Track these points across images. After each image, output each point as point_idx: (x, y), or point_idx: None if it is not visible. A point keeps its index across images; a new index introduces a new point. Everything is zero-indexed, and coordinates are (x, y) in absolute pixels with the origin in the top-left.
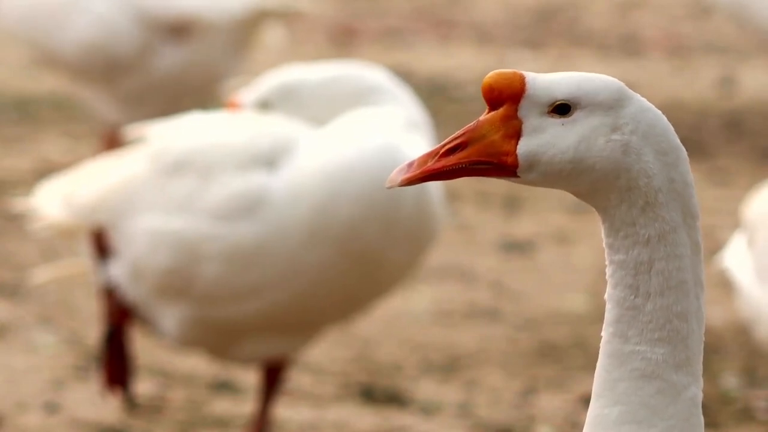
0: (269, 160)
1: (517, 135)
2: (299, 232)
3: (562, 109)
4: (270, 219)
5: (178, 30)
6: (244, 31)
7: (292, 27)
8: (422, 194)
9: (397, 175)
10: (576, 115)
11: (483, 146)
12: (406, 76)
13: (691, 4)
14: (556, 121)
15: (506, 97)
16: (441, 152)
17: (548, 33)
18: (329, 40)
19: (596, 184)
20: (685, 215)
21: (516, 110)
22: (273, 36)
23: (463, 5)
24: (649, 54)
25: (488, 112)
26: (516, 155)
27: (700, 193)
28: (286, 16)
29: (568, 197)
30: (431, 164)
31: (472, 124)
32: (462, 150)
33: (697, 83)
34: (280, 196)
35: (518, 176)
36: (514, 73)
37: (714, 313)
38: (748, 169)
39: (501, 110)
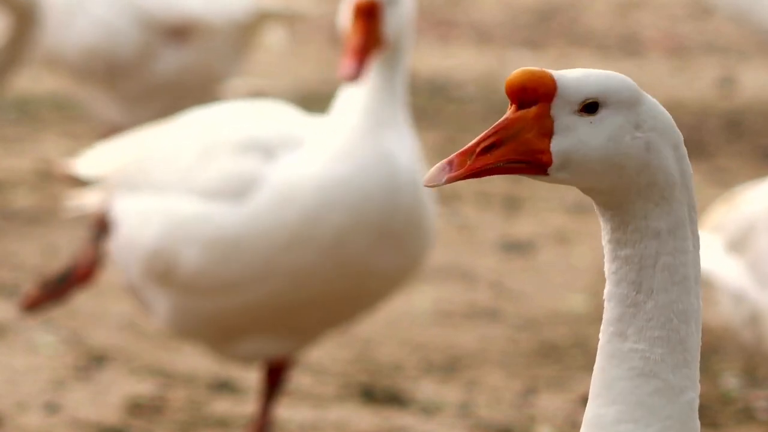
0: (268, 150)
1: (549, 133)
2: (282, 233)
3: (590, 107)
4: (254, 211)
5: (179, 32)
6: (244, 33)
7: (293, 28)
8: (415, 207)
9: (439, 174)
10: (603, 113)
11: (518, 145)
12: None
13: (691, 4)
14: (585, 120)
15: (540, 95)
16: (477, 151)
17: (548, 33)
18: (330, 41)
19: (619, 181)
20: (690, 208)
21: (549, 109)
22: (274, 37)
23: (463, 5)
24: (649, 54)
25: (515, 110)
26: (550, 153)
27: (699, 192)
28: (287, 19)
29: (569, 197)
30: (471, 163)
31: (501, 122)
32: (497, 148)
33: (697, 83)
34: (269, 193)
35: (548, 174)
36: (543, 71)
37: (714, 313)
38: (748, 169)
39: (534, 109)
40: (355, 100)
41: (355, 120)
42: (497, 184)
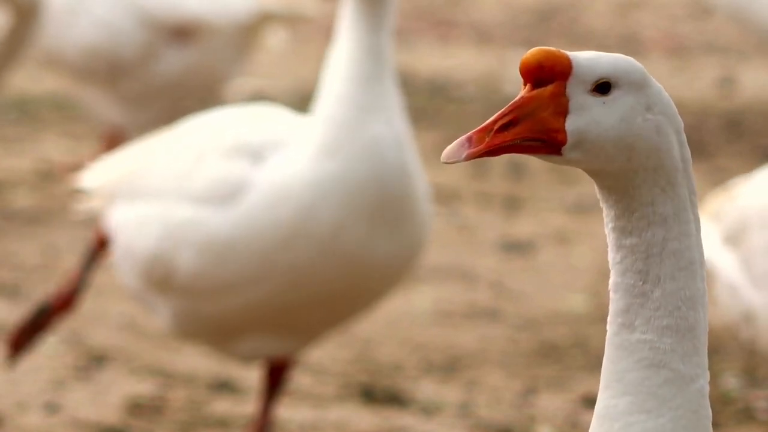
0: (255, 153)
1: (564, 113)
2: (276, 233)
3: (603, 87)
4: (245, 214)
5: (182, 33)
6: (247, 34)
7: (294, 28)
8: (406, 188)
9: (458, 150)
10: (615, 94)
11: (534, 123)
12: (406, 76)
13: (691, 4)
14: (598, 100)
15: (557, 73)
16: (495, 129)
17: (548, 33)
18: (331, 42)
19: (628, 164)
20: (690, 192)
21: (564, 87)
22: (275, 38)
23: (463, 5)
24: (649, 54)
25: (530, 90)
26: (565, 132)
27: (699, 192)
28: (289, 20)
29: (568, 197)
30: (490, 140)
31: (518, 100)
32: (514, 126)
33: (697, 83)
34: (258, 195)
35: (561, 154)
36: (558, 50)
37: (714, 313)
38: (748, 169)
39: (550, 87)
40: (336, 85)
41: (336, 110)
42: (497, 184)
